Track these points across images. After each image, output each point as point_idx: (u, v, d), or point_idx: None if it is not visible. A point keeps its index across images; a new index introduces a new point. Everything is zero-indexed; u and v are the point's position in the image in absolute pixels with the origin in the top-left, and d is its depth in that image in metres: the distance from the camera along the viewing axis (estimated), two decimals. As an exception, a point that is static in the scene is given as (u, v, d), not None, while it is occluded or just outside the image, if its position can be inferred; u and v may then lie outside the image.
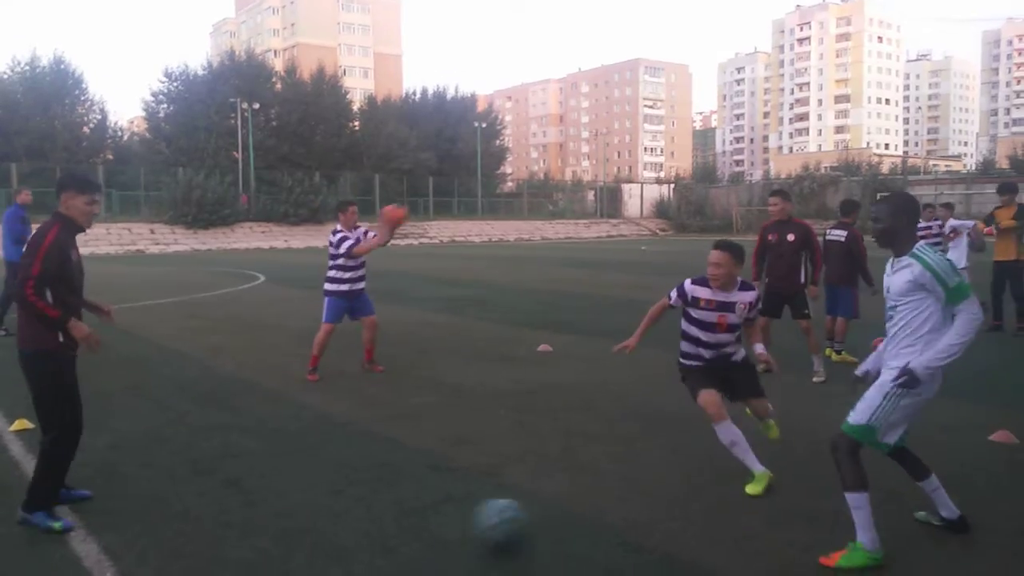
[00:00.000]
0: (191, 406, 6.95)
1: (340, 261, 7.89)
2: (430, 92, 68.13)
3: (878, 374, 3.84)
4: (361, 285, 8.08)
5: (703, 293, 4.95)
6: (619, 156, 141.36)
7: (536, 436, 5.91)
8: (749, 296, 4.96)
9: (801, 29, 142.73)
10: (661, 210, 66.39)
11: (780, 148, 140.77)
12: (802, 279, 7.83)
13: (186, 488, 4.88)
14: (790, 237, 7.81)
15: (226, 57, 58.47)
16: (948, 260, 3.64)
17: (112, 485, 4.90)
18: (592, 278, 20.36)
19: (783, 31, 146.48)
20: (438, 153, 61.35)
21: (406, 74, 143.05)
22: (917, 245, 3.70)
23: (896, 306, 3.74)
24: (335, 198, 49.94)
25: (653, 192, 70.27)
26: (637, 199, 68.69)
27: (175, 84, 54.72)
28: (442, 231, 52.20)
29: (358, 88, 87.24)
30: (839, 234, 9.02)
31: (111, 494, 4.75)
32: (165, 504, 4.61)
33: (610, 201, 68.63)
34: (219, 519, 4.36)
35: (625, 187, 72.41)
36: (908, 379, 3.58)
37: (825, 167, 71.33)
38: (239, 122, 50.45)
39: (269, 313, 13.56)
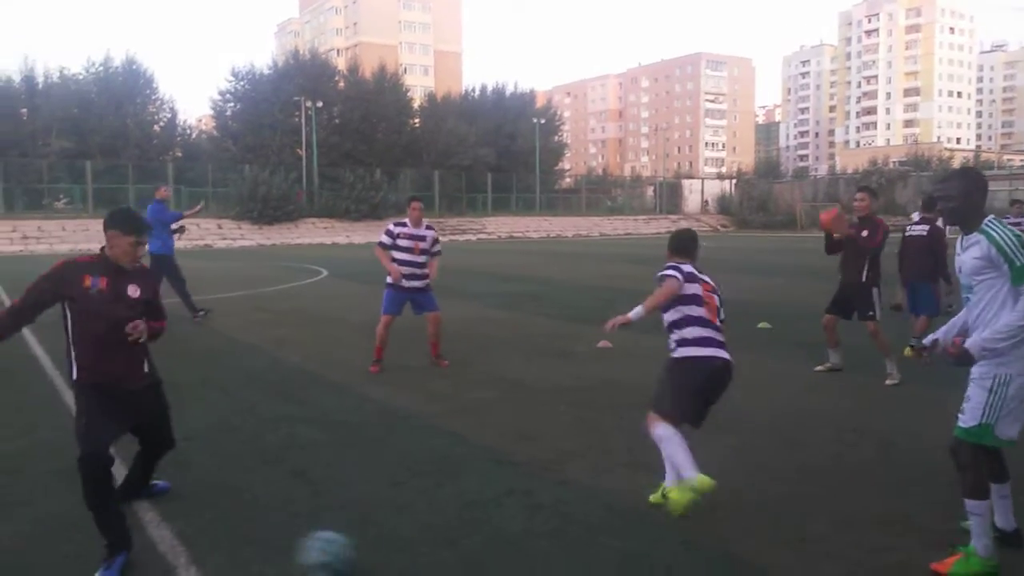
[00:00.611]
0: (259, 397, 7.14)
1: (393, 253, 8.07)
2: (489, 89, 68.54)
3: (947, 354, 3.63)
4: (418, 283, 8.18)
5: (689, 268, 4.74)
6: (679, 151, 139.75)
7: (597, 433, 5.90)
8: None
9: (869, 21, 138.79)
10: (723, 206, 65.41)
11: (846, 142, 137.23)
12: (863, 278, 7.59)
13: (255, 477, 5.02)
14: (864, 235, 7.60)
15: (290, 56, 59.78)
16: (1020, 236, 3.43)
17: (185, 474, 5.06)
18: (650, 274, 20.12)
19: (850, 23, 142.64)
20: (497, 149, 61.57)
21: (466, 71, 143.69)
22: (987, 219, 3.53)
23: (972, 286, 3.58)
24: (395, 194, 50.70)
25: (714, 187, 69.27)
26: (698, 194, 67.82)
27: (242, 83, 56.14)
28: (500, 227, 52.39)
29: (418, 86, 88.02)
30: (921, 229, 8.77)
31: (184, 483, 4.91)
32: (235, 493, 4.76)
33: (670, 197, 67.96)
34: (286, 508, 4.48)
35: (685, 182, 71.57)
36: (962, 357, 3.43)
37: (893, 162, 69.38)
38: (303, 120, 51.50)
39: (332, 307, 13.82)
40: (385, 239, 8.17)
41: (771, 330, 10.72)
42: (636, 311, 4.43)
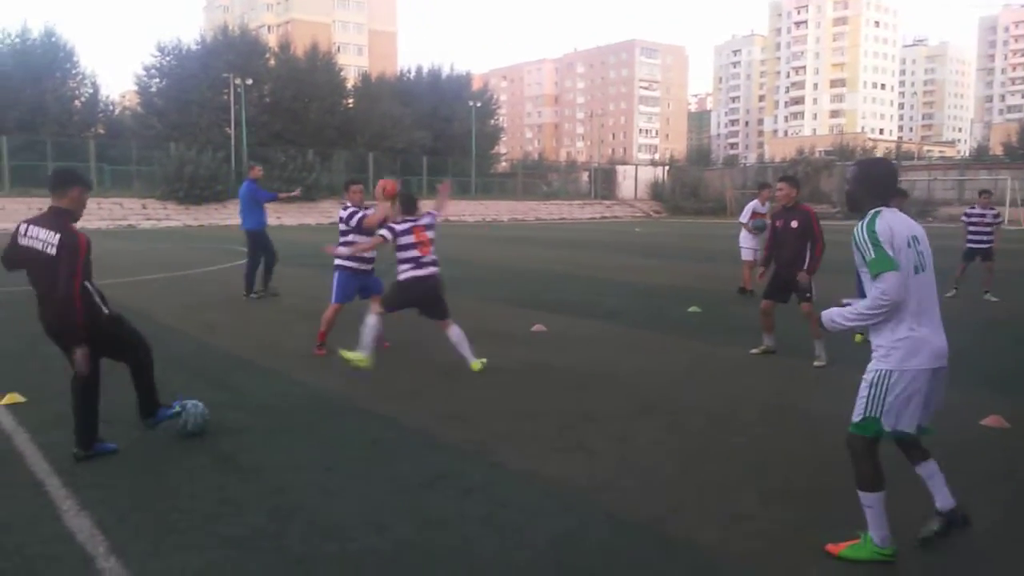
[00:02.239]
0: (184, 383, 6.92)
1: (351, 237, 7.89)
2: (425, 71, 67.73)
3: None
4: (370, 266, 8.15)
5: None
6: (614, 137, 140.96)
7: (530, 416, 5.91)
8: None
9: (798, 12, 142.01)
10: (656, 192, 66.32)
11: (775, 132, 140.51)
12: (804, 265, 7.77)
13: (180, 464, 4.87)
14: (793, 224, 7.78)
15: (219, 32, 57.84)
16: (874, 231, 3.41)
17: (105, 460, 4.88)
18: (585, 259, 20.35)
19: (780, 14, 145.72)
20: (433, 132, 61.00)
21: (401, 52, 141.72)
22: (872, 210, 3.53)
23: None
24: (328, 176, 49.79)
25: (648, 174, 70.14)
26: (632, 181, 68.57)
27: (168, 59, 54.14)
28: (436, 210, 51.84)
29: (353, 65, 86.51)
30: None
31: (104, 469, 4.73)
32: (159, 479, 4.61)
33: (604, 182, 68.55)
34: (213, 495, 4.36)
35: (620, 168, 72.28)
36: (822, 323, 3.62)
37: (819, 151, 71.33)
38: (232, 98, 50.04)
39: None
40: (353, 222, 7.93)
41: (701, 314, 10.92)
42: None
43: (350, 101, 61.28)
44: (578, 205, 61.42)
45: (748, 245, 13.22)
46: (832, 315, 3.56)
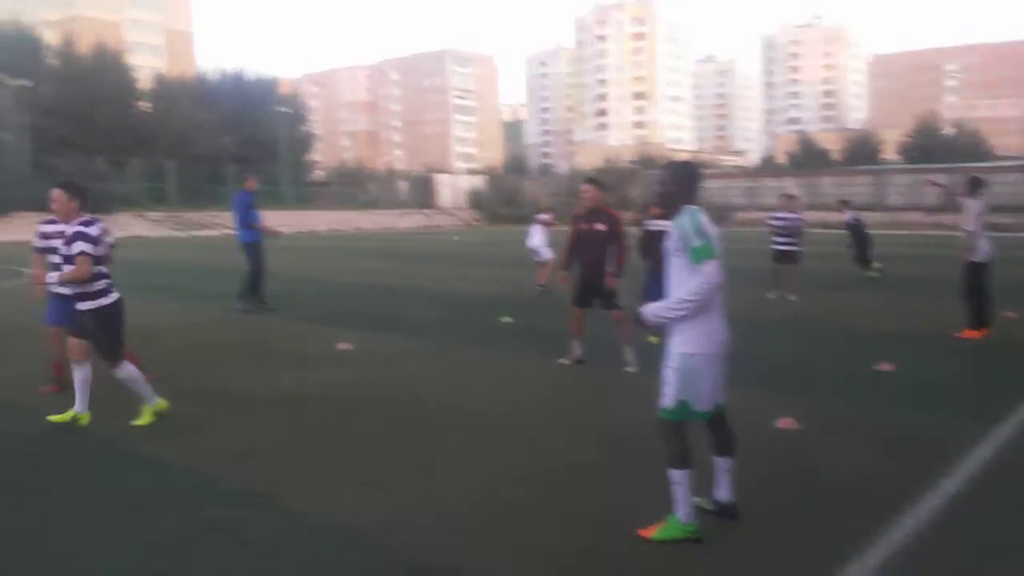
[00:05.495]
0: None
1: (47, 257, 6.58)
2: (227, 73, 64.36)
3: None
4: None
5: None
6: (432, 146, 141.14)
7: (325, 447, 5.38)
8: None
9: (600, 26, 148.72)
10: (474, 200, 66.84)
11: (584, 141, 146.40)
12: (606, 268, 7.73)
13: None
14: (599, 226, 7.71)
15: (-11, 27, 52.06)
16: (699, 223, 3.71)
17: None
18: (401, 269, 19.86)
19: (584, 28, 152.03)
20: (239, 138, 58.02)
21: (200, 54, 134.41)
22: (687, 208, 3.81)
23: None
24: (125, 185, 45.99)
25: (466, 183, 70.59)
26: (450, 189, 68.70)
27: (-77, 54, 47.93)
28: (245, 221, 49.25)
29: (147, 67, 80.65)
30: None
31: None
32: None
33: (423, 191, 68.21)
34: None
35: (438, 177, 72.24)
36: (638, 319, 3.92)
37: (626, 161, 74.92)
38: (6, 101, 44.97)
39: (26, 317, 11.90)
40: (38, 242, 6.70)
41: (513, 324, 10.76)
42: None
43: (146, 104, 57.08)
44: (398, 215, 60.58)
45: (540, 244, 14.57)
46: (654, 310, 3.78)
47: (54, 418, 5.91)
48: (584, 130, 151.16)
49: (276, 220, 16.29)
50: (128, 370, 5.81)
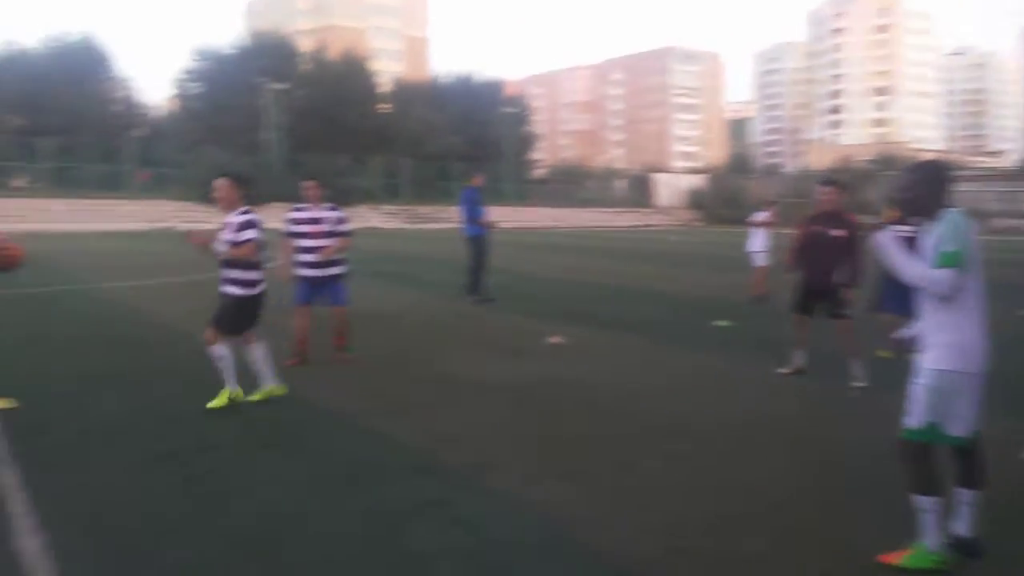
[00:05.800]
0: (171, 392, 6.63)
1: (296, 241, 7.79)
2: (457, 76, 67.63)
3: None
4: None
5: None
6: (651, 145, 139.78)
7: (532, 437, 5.49)
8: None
9: (837, 19, 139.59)
10: (694, 200, 65.38)
11: (817, 140, 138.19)
12: (836, 277, 7.19)
13: (147, 483, 4.54)
14: (836, 232, 7.20)
15: (255, 37, 58.47)
16: (962, 228, 3.41)
17: (79, 470, 4.59)
18: (618, 267, 19.86)
19: (818, 22, 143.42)
20: (467, 138, 60.86)
21: (434, 58, 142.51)
22: (948, 211, 3.49)
23: None
24: (366, 180, 49.84)
25: (686, 182, 69.24)
26: (669, 188, 67.74)
27: (206, 63, 54.83)
28: (469, 216, 51.61)
29: (387, 71, 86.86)
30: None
31: (72, 482, 4.44)
32: (122, 496, 4.30)
33: (641, 190, 67.81)
34: (169, 517, 4.02)
35: (656, 176, 71.47)
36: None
37: (863, 161, 69.76)
38: (269, 102, 50.39)
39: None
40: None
41: (730, 328, 10.38)
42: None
43: (388, 106, 61.41)
44: (615, 213, 60.73)
45: (759, 249, 13.96)
46: (886, 241, 3.53)
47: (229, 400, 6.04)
48: (815, 128, 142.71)
49: (498, 215, 16.85)
50: (219, 351, 5.94)
